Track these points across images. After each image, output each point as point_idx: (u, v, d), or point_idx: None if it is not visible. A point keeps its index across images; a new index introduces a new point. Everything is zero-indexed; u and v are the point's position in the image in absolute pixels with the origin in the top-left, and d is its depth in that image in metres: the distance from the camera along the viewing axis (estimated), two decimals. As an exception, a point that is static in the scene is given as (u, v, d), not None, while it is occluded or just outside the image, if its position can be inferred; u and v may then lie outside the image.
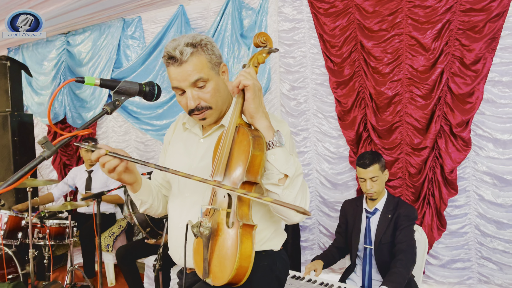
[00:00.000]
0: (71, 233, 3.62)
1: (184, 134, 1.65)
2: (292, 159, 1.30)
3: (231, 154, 1.29)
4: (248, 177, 1.23)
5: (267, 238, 1.52)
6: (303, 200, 1.33)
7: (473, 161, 3.08)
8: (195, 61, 1.39)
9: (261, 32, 1.41)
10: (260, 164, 1.25)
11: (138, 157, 5.00)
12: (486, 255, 3.08)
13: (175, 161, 1.61)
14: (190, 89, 1.41)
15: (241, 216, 1.25)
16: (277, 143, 1.27)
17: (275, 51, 1.46)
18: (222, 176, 1.28)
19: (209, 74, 1.42)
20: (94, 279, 4.06)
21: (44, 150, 1.09)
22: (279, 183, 1.27)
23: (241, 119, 1.34)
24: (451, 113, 3.04)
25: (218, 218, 1.29)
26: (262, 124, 1.29)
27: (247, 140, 1.24)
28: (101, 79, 1.24)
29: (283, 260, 1.59)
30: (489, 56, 2.90)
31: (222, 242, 1.25)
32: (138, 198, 1.59)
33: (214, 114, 1.49)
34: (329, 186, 3.70)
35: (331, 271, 3.62)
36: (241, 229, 1.21)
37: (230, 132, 1.31)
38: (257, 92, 1.28)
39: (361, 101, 3.42)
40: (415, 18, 3.10)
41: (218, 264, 1.25)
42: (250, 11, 3.97)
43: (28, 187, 3.40)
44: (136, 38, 4.82)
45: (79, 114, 5.29)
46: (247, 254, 1.21)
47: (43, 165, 5.89)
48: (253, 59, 1.40)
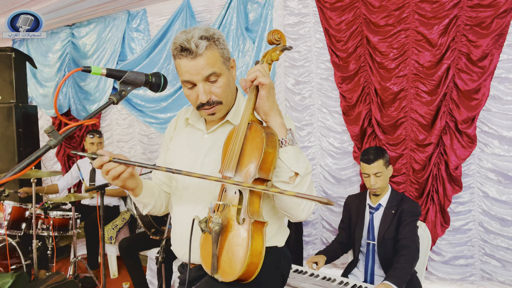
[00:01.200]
0: (74, 224, 3.64)
1: (186, 129, 1.63)
2: (303, 158, 1.30)
3: (243, 151, 1.29)
4: (260, 174, 1.23)
5: (272, 234, 1.52)
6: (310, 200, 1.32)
7: (478, 158, 3.07)
8: (209, 55, 1.36)
9: (275, 30, 1.40)
10: (273, 161, 1.25)
11: (141, 150, 5.01)
12: (490, 252, 3.08)
13: (178, 157, 1.59)
14: (202, 83, 1.38)
15: (252, 212, 1.25)
16: (290, 141, 1.27)
17: (290, 49, 1.44)
18: (233, 172, 1.27)
19: (222, 68, 1.40)
20: (97, 271, 4.07)
21: (50, 139, 1.09)
22: (289, 181, 1.27)
23: (253, 116, 1.33)
24: (456, 109, 3.02)
25: (229, 214, 1.29)
26: (276, 122, 1.29)
27: (260, 137, 1.24)
28: (107, 68, 1.24)
29: (286, 256, 1.59)
30: (496, 53, 2.88)
31: (232, 238, 1.25)
32: (140, 201, 1.56)
33: (223, 109, 1.47)
34: (332, 181, 3.70)
35: (334, 266, 3.63)
36: (252, 226, 1.21)
37: (242, 128, 1.30)
38: (271, 90, 1.27)
39: (366, 96, 3.40)
40: (422, 13, 3.08)
41: (228, 260, 1.25)
42: (255, 4, 3.95)
43: (32, 178, 3.41)
44: (141, 31, 4.81)
45: (83, 106, 5.29)
46: (258, 250, 1.21)
47: (47, 157, 5.91)
48: (267, 56, 1.39)
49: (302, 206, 1.31)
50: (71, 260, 3.64)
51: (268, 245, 1.50)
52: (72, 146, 5.49)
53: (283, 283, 1.58)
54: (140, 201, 1.55)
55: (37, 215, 3.58)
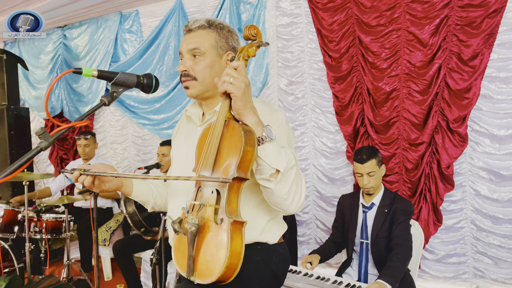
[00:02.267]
0: (67, 227, 3.62)
1: (187, 125, 1.66)
2: (284, 153, 1.27)
3: (220, 149, 1.26)
4: (239, 173, 1.21)
5: (262, 228, 1.47)
6: (298, 192, 1.31)
7: (469, 156, 3.09)
8: (200, 33, 1.48)
9: (252, 25, 1.38)
10: (251, 160, 1.22)
11: (135, 152, 4.99)
12: (482, 250, 3.10)
13: (177, 151, 1.65)
14: (187, 55, 1.48)
15: (230, 212, 1.21)
16: (267, 138, 1.25)
17: (266, 45, 1.43)
18: (210, 171, 1.26)
19: (209, 50, 1.48)
20: (91, 273, 4.05)
21: (41, 141, 1.09)
22: (271, 178, 1.26)
23: (230, 113, 1.30)
24: (448, 108, 3.05)
25: (205, 214, 1.25)
26: (250, 120, 1.26)
27: (238, 135, 1.21)
28: (98, 70, 1.24)
29: (280, 254, 1.52)
30: (486, 52, 2.90)
31: (210, 239, 1.22)
32: (136, 199, 1.65)
33: (197, 87, 1.49)
34: (326, 181, 3.71)
35: (328, 265, 3.64)
36: (231, 226, 1.18)
37: (219, 126, 1.27)
38: (243, 90, 1.23)
39: (358, 96, 3.42)
40: (413, 13, 3.10)
41: (205, 262, 1.21)
42: (248, 5, 3.95)
43: (24, 180, 3.38)
44: (133, 32, 4.79)
45: (76, 108, 5.27)
46: (238, 251, 1.18)
47: (40, 159, 5.87)
48: (243, 52, 1.36)
49: (289, 200, 1.29)
50: (64, 262, 3.62)
51: (258, 240, 1.47)
52: (65, 148, 5.46)
53: (278, 283, 1.52)
54: (135, 199, 1.65)
55: (29, 218, 3.56)
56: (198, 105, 1.63)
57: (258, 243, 1.47)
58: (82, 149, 4.31)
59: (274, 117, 1.45)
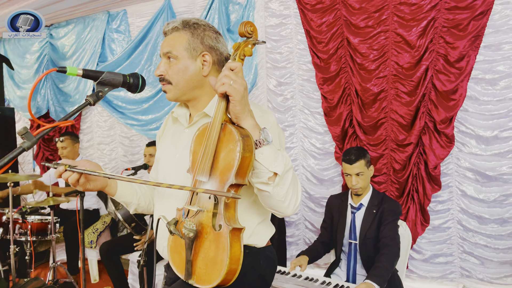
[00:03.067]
0: (53, 229, 3.56)
1: (173, 126, 1.64)
2: (281, 155, 1.25)
3: (217, 154, 1.24)
4: (237, 180, 1.19)
5: (251, 232, 1.46)
6: (295, 194, 1.30)
7: (456, 157, 3.12)
8: (174, 37, 1.46)
9: (248, 21, 1.31)
10: (249, 165, 1.20)
11: (123, 152, 4.94)
12: (468, 249, 3.13)
13: (163, 152, 1.61)
14: (163, 59, 1.48)
15: (228, 218, 1.20)
16: (264, 142, 1.23)
17: (262, 43, 1.39)
18: (207, 176, 1.23)
19: (181, 53, 1.45)
20: (77, 276, 4.00)
21: (24, 141, 1.06)
22: (269, 182, 1.24)
23: (226, 116, 1.26)
24: (435, 109, 3.07)
25: (203, 219, 1.24)
26: (248, 124, 1.24)
27: (235, 141, 1.18)
28: (83, 69, 1.22)
29: (268, 257, 1.52)
30: (472, 54, 2.94)
31: (209, 245, 1.21)
32: (119, 200, 1.60)
33: (173, 91, 1.48)
34: (315, 181, 3.71)
35: (316, 266, 3.64)
36: (230, 234, 1.17)
37: (216, 130, 1.24)
38: (242, 93, 1.20)
39: (347, 97, 3.43)
40: (400, 15, 3.12)
41: (204, 267, 1.21)
42: (237, 5, 3.95)
43: (9, 181, 3.33)
44: (121, 32, 4.75)
45: (63, 108, 5.20)
46: (237, 257, 1.18)
47: (26, 160, 5.78)
48: (240, 51, 1.30)
49: (286, 202, 1.28)
50: (50, 265, 3.56)
51: (246, 243, 1.44)
52: (50, 149, 5.38)
53: (266, 286, 1.52)
54: (119, 200, 1.60)
55: (14, 220, 3.50)
56: (184, 106, 1.61)
57: (246, 246, 1.43)
58: (61, 151, 4.25)
59: (265, 118, 1.42)
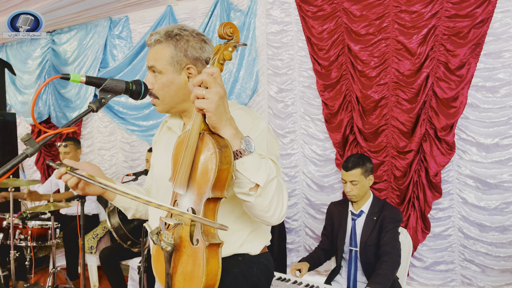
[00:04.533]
0: (53, 234, 3.56)
1: (167, 133, 1.62)
2: (264, 165, 1.18)
3: (195, 165, 1.18)
4: (214, 194, 1.13)
5: (243, 240, 1.43)
6: (280, 203, 1.25)
7: (457, 164, 3.13)
8: (157, 50, 1.43)
9: (228, 22, 1.22)
10: (227, 177, 1.14)
11: (123, 158, 4.94)
12: (469, 257, 3.12)
13: (156, 160, 1.60)
14: (149, 71, 1.46)
15: (206, 233, 1.15)
16: (245, 152, 1.15)
17: (243, 45, 1.30)
18: (184, 188, 1.19)
19: (164, 68, 1.42)
20: (77, 282, 3.99)
21: (27, 148, 1.07)
22: (250, 192, 1.18)
23: (205, 124, 1.18)
24: (436, 117, 3.08)
25: (182, 232, 1.20)
26: (227, 133, 1.16)
27: (212, 152, 1.12)
28: (87, 76, 1.22)
29: (263, 265, 1.48)
30: (473, 62, 2.95)
31: (187, 259, 1.18)
32: (118, 205, 1.60)
33: (161, 105, 1.48)
34: (315, 188, 3.71)
35: (317, 273, 3.63)
36: (207, 249, 1.12)
37: (193, 139, 1.18)
38: (217, 103, 1.10)
39: (347, 104, 3.44)
40: (401, 23, 3.14)
41: (183, 281, 1.18)
42: (238, 12, 3.97)
43: (10, 187, 3.33)
44: (123, 38, 4.77)
45: (64, 114, 5.21)
46: (214, 272, 1.14)
47: (26, 165, 5.78)
48: (219, 54, 1.21)
49: (270, 212, 1.23)
50: (50, 270, 3.55)
51: (238, 252, 1.42)
52: (51, 154, 5.39)
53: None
54: (117, 205, 1.60)
55: (15, 225, 3.50)
56: (177, 116, 1.59)
57: (238, 254, 1.43)
58: (63, 156, 4.26)
59: (255, 125, 1.38)
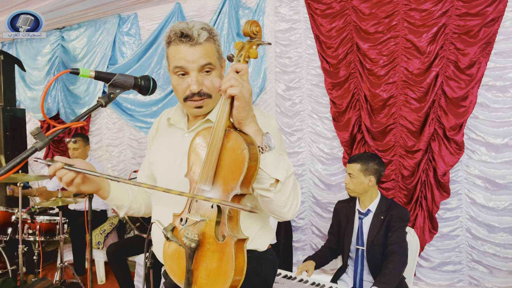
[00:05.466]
0: (61, 229, 3.59)
1: (169, 129, 1.60)
2: (283, 161, 1.22)
3: (220, 162, 1.19)
4: (242, 190, 1.15)
5: (252, 236, 1.45)
6: (295, 200, 1.28)
7: (465, 164, 3.10)
8: (208, 47, 1.37)
9: (254, 21, 1.25)
10: (254, 174, 1.17)
11: (131, 155, 4.97)
12: (477, 258, 3.10)
13: (159, 157, 1.57)
14: (196, 72, 1.36)
15: (232, 229, 1.17)
16: (267, 148, 1.19)
17: (268, 44, 1.35)
18: (210, 185, 1.19)
19: (216, 63, 1.40)
20: (84, 277, 4.02)
21: (36, 141, 1.07)
22: (270, 188, 1.21)
23: (229, 121, 1.22)
24: (445, 116, 3.06)
25: (205, 229, 1.20)
26: (251, 129, 1.20)
27: (240, 149, 1.14)
28: (96, 71, 1.22)
29: (270, 261, 1.52)
30: (483, 61, 2.92)
31: (211, 255, 1.18)
32: (111, 203, 1.53)
33: (211, 104, 1.43)
34: (322, 187, 3.70)
35: (323, 272, 3.63)
36: (235, 245, 1.14)
37: (219, 136, 1.19)
38: (247, 99, 1.15)
39: (356, 102, 3.43)
40: (411, 21, 3.12)
41: (206, 277, 1.18)
42: (247, 10, 3.96)
43: (19, 182, 3.36)
44: (131, 35, 4.79)
45: (72, 110, 5.24)
46: (241, 267, 1.15)
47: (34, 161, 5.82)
48: (245, 52, 1.24)
49: (287, 208, 1.27)
50: (57, 265, 3.59)
51: (248, 248, 1.42)
52: (60, 150, 5.43)
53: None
54: (110, 203, 1.53)
55: (23, 220, 3.53)
56: (180, 110, 1.57)
57: (248, 250, 1.42)
58: (72, 152, 4.29)
59: (267, 123, 1.41)
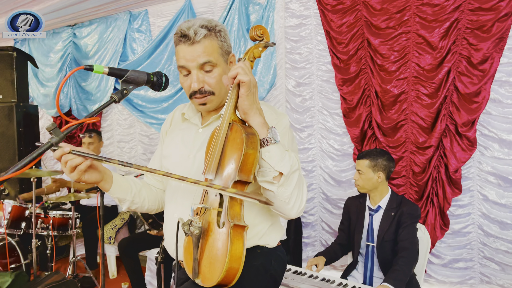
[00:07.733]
0: (74, 224, 3.64)
1: (182, 124, 1.62)
2: (288, 156, 1.26)
3: (224, 152, 1.26)
4: (240, 176, 1.20)
5: (262, 233, 1.48)
6: (299, 196, 1.30)
7: (478, 161, 3.07)
8: (207, 44, 1.38)
9: (258, 25, 1.37)
10: (253, 162, 1.21)
11: (142, 150, 5.01)
12: (489, 255, 3.08)
13: (173, 151, 1.58)
14: (197, 70, 1.40)
15: (232, 216, 1.21)
16: (272, 140, 1.23)
17: (272, 45, 1.41)
18: (214, 174, 1.25)
19: (218, 60, 1.41)
20: (96, 271, 4.07)
21: (52, 137, 1.10)
22: (273, 181, 1.24)
23: (235, 115, 1.30)
24: (457, 112, 3.03)
25: (209, 217, 1.25)
26: (256, 121, 1.26)
27: (240, 138, 1.21)
28: (109, 67, 1.24)
29: (279, 257, 1.54)
30: (496, 56, 2.89)
31: (212, 242, 1.22)
32: (113, 196, 1.54)
33: (215, 101, 1.46)
34: (332, 183, 3.70)
35: (333, 268, 3.63)
36: (232, 230, 1.17)
37: (223, 129, 1.27)
38: (252, 89, 1.23)
39: (366, 98, 3.41)
40: (423, 16, 3.09)
41: (208, 265, 1.22)
42: (257, 6, 3.96)
43: (32, 177, 3.41)
44: (142, 32, 4.82)
45: (84, 106, 5.30)
46: (238, 255, 1.18)
47: (48, 156, 5.91)
48: (249, 52, 1.36)
49: (290, 204, 1.28)
50: (70, 259, 3.64)
51: (258, 244, 1.47)
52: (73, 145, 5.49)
53: (276, 285, 1.53)
54: (112, 196, 1.53)
55: (36, 215, 3.58)
56: (193, 108, 1.59)
57: (257, 246, 1.47)
58: (87, 147, 4.33)
59: (279, 121, 1.43)
